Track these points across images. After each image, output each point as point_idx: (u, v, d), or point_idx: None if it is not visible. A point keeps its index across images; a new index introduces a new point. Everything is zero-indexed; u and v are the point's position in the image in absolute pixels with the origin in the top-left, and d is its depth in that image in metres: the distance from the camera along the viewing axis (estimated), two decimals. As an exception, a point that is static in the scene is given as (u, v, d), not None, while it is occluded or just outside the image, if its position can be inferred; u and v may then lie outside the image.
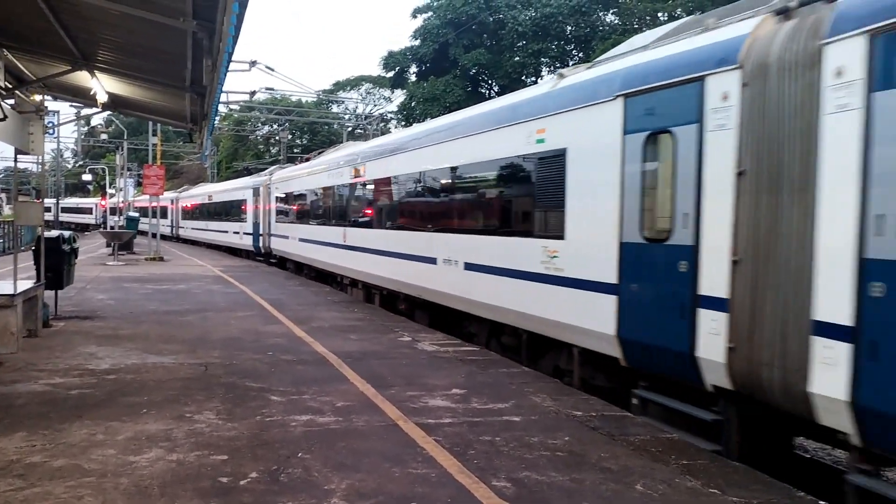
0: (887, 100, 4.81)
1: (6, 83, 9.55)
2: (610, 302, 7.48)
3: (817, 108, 5.32)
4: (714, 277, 6.22)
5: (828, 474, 6.31)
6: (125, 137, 45.33)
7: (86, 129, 60.18)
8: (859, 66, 5.00)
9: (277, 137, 52.09)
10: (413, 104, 44.03)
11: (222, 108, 46.41)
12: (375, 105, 61.25)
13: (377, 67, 50.97)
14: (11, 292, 9.54)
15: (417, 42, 44.95)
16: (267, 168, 35.57)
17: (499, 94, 37.51)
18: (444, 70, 43.34)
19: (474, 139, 10.75)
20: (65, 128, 63.42)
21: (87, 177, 65.66)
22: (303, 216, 22.44)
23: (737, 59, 6.05)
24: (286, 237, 24.55)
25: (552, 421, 6.71)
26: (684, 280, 6.51)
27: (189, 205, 45.53)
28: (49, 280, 11.77)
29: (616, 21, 42.07)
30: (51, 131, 29.49)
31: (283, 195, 25.30)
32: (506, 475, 5.22)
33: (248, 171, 48.87)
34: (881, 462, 5.14)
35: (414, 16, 46.25)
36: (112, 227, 40.02)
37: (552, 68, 42.06)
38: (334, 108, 56.08)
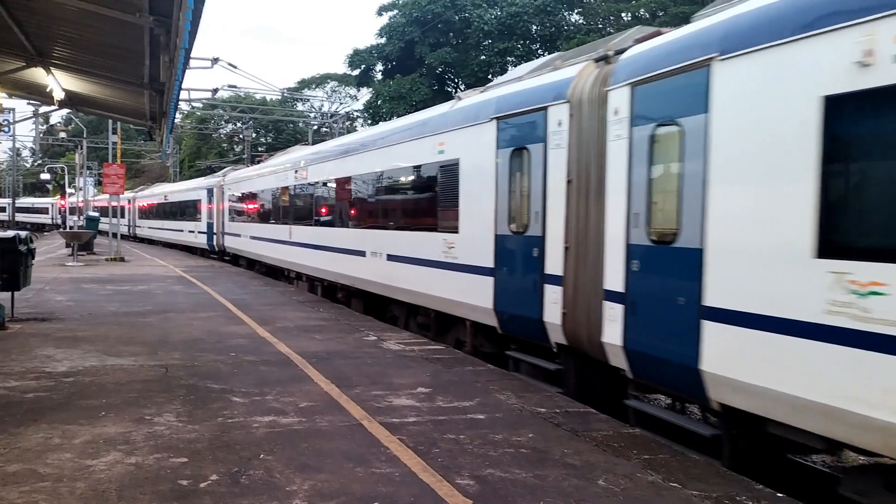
0: (638, 133, 6.69)
1: (-43, 80, 9.32)
2: (489, 282, 9.24)
3: (605, 136, 7.21)
4: (554, 260, 8.06)
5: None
6: (84, 136, 44.51)
7: (44, 127, 58.94)
8: (626, 107, 6.86)
9: (241, 136, 51.52)
10: (379, 102, 43.91)
11: (185, 106, 45.71)
12: (341, 103, 60.94)
13: (343, 65, 50.65)
14: (-36, 294, 9.31)
15: (383, 40, 44.83)
16: (231, 166, 36.51)
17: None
18: (411, 68, 43.29)
19: (395, 148, 12.52)
20: (23, 126, 62.13)
21: (45, 176, 64.33)
22: (254, 215, 23.89)
23: (566, 95, 7.87)
24: (238, 235, 26.09)
25: (516, 418, 6.74)
26: (536, 263, 8.36)
27: (146, 204, 46.31)
28: (5, 281, 11.51)
29: (581, 21, 42.41)
30: (6, 129, 28.83)
31: (236, 195, 26.85)
32: (469, 473, 5.22)
33: (212, 170, 48.94)
34: (646, 389, 7.29)
35: (379, 14, 46.15)
36: (71, 227, 39.24)
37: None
38: (299, 107, 55.58)
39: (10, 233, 12.38)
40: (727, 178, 5.68)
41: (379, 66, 47.14)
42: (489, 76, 41.41)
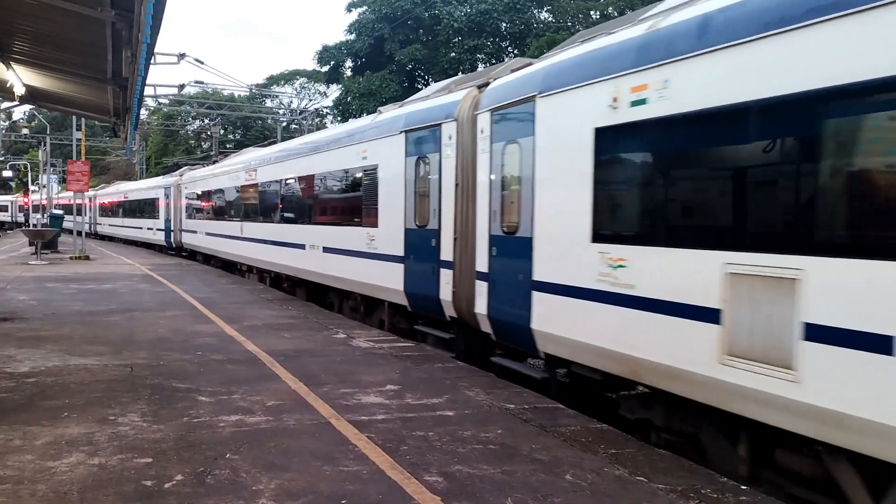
0: (495, 148, 8.59)
1: (-87, 74, 9.07)
2: (400, 269, 11.01)
3: (475, 150, 9.11)
4: (446, 249, 9.88)
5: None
6: (48, 132, 43.69)
7: (6, 123, 57.73)
8: (487, 128, 8.76)
9: (209, 132, 50.94)
10: (349, 99, 43.69)
11: (151, 103, 45.16)
12: (310, 100, 60.56)
13: (312, 62, 50.27)
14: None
15: (352, 36, 44.60)
16: (188, 166, 36.60)
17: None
18: (380, 65, 43.14)
19: (330, 153, 14.28)
20: (-17, 122, 60.72)
21: (7, 173, 63.03)
22: (209, 213, 25.36)
23: (455, 115, 9.72)
24: (195, 232, 27.29)
25: (485, 414, 6.75)
26: (434, 251, 10.14)
27: (107, 202, 47.36)
28: (-36, 281, 11.25)
29: (550, 19, 42.59)
30: (-34, 125, 28.17)
31: (193, 194, 27.99)
32: (438, 469, 5.22)
33: (179, 167, 49.12)
34: (506, 348, 8.82)
35: (349, 10, 45.87)
36: (35, 226, 38.51)
37: (488, 64, 42.29)
38: (268, 103, 55.10)
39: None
40: (544, 185, 7.61)
41: (348, 63, 46.93)
42: (459, 73, 41.49)
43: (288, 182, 16.88)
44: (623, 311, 6.36)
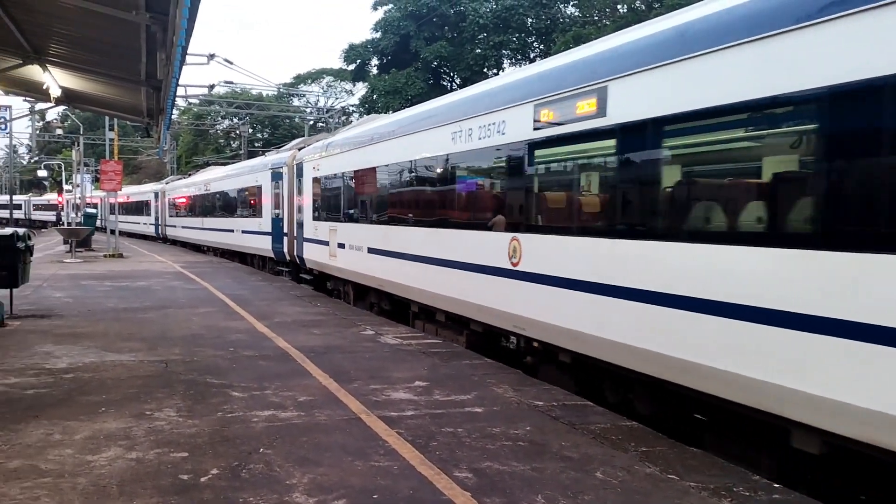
0: (295, 181, 19.30)
1: (-46, 77, 9.31)
2: (268, 238, 22.47)
3: (292, 179, 19.79)
4: (286, 226, 20.11)
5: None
6: (81, 132, 44.36)
7: (40, 123, 58.75)
8: (293, 171, 19.61)
9: (238, 131, 51.43)
10: (375, 97, 43.86)
11: (181, 103, 45.71)
12: (337, 98, 60.85)
13: (338, 60, 50.49)
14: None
15: (378, 34, 44.73)
16: (172, 176, 48.88)
17: (461, 86, 37.57)
18: (406, 62, 43.22)
19: (237, 178, 27.28)
20: (18, 122, 61.82)
21: (42, 173, 64.15)
22: (183, 211, 36.93)
23: (287, 162, 20.38)
24: (174, 226, 38.92)
25: (514, 411, 6.78)
26: (280, 227, 20.88)
27: (118, 202, 52.60)
28: (3, 278, 11.52)
29: (576, 13, 42.34)
30: (3, 126, 28.75)
31: (173, 198, 39.22)
32: (467, 466, 5.26)
33: (208, 165, 50.46)
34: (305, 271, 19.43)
35: (375, 8, 46.02)
36: (69, 224, 39.17)
37: (513, 60, 42.21)
38: (295, 102, 55.48)
39: (8, 230, 12.38)
40: (304, 196, 18.35)
41: (374, 61, 47.08)
42: (484, 69, 41.45)
43: (216, 193, 30.37)
44: (330, 248, 15.52)
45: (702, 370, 5.65)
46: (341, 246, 15.06)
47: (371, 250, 13.20)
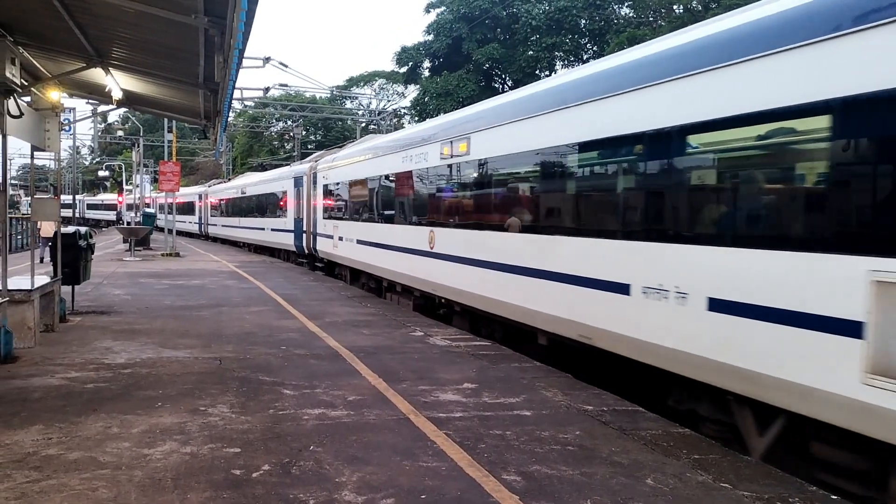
0: (315, 187, 23.12)
1: (22, 80, 9.62)
2: (291, 235, 26.49)
3: (311, 185, 23.69)
4: (308, 225, 23.92)
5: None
6: (141, 134, 45.63)
7: (102, 126, 60.59)
8: (312, 179, 23.61)
9: (291, 133, 52.19)
10: (426, 99, 43.99)
11: (237, 105, 46.59)
12: (389, 100, 61.27)
13: (390, 63, 50.84)
14: (28, 287, 9.66)
15: (430, 37, 44.84)
16: (214, 179, 53.87)
17: (512, 88, 37.44)
18: (458, 65, 43.25)
19: (262, 184, 32.55)
20: (81, 125, 63.93)
21: (103, 173, 66.11)
22: (223, 211, 42.02)
23: (306, 172, 24.32)
24: (216, 225, 44.24)
25: (563, 415, 6.72)
26: (302, 226, 24.73)
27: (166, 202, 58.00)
28: (66, 275, 11.90)
29: (631, 14, 41.80)
30: (67, 128, 29.72)
31: (214, 199, 44.95)
32: (516, 469, 5.23)
33: (263, 167, 52.77)
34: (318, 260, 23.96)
35: (427, 11, 46.16)
36: (129, 223, 40.33)
37: (566, 62, 41.88)
38: (348, 104, 56.01)
39: (71, 228, 12.79)
40: (320, 199, 22.22)
41: (426, 63, 47.21)
42: (537, 71, 41.18)
43: (242, 197, 36.81)
44: (333, 241, 19.43)
45: (492, 301, 10.42)
46: (340, 239, 19.67)
47: (359, 241, 17.69)
